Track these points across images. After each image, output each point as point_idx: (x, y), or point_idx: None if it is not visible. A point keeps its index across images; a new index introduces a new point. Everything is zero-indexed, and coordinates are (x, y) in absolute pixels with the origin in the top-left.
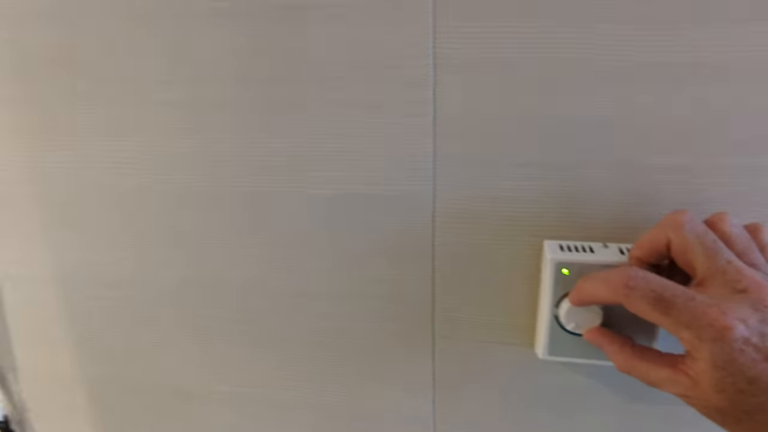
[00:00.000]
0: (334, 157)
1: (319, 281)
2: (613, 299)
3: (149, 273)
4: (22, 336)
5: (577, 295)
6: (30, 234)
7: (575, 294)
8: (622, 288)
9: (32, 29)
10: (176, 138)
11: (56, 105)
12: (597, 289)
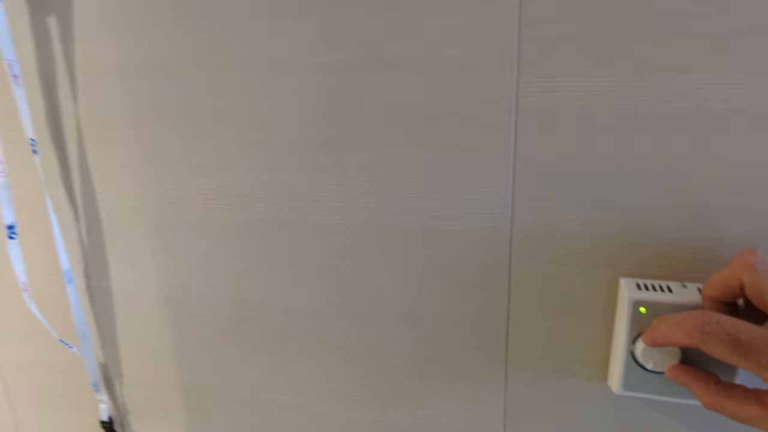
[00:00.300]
0: (417, 193)
1: (396, 307)
2: (689, 343)
3: (237, 295)
4: (128, 346)
5: (651, 337)
6: (141, 256)
7: (650, 336)
8: (697, 333)
9: (148, 82)
10: (271, 173)
11: (163, 145)
12: (672, 333)
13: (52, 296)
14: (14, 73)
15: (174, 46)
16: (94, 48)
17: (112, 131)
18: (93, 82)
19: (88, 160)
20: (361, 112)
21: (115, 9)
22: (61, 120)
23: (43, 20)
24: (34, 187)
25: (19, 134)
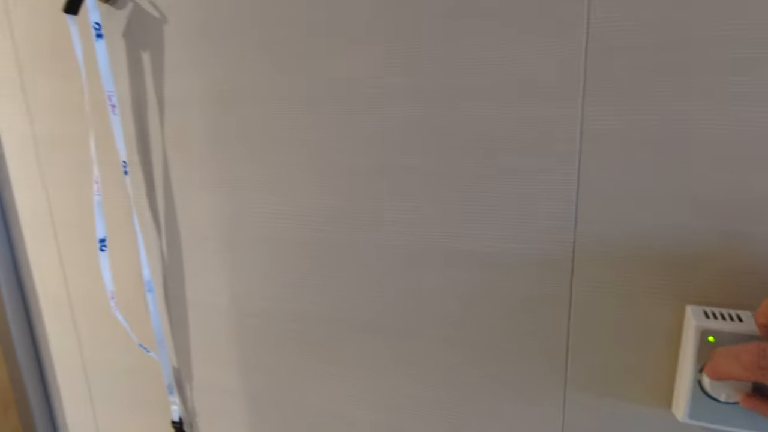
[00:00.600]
0: (478, 216)
1: (455, 328)
2: (750, 378)
3: (301, 308)
4: (199, 352)
5: (713, 373)
6: (213, 269)
7: (711, 370)
8: (755, 368)
9: (224, 110)
10: (334, 196)
11: (235, 168)
12: (731, 369)
13: (134, 304)
14: (112, 103)
15: (246, 79)
16: (179, 80)
17: (194, 155)
18: (177, 111)
19: (171, 181)
20: (422, 138)
21: (198, 46)
22: (149, 144)
23: (138, 56)
24: (124, 204)
25: (114, 157)
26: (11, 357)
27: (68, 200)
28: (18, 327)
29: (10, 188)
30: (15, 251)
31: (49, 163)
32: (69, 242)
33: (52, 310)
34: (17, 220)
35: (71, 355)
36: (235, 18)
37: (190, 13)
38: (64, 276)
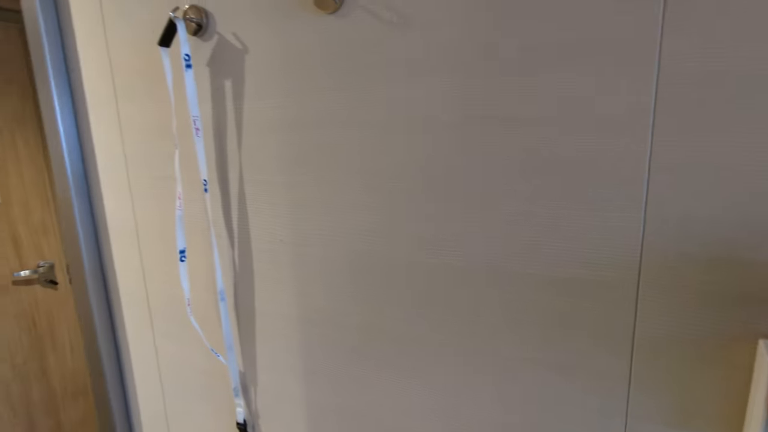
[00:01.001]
0: (544, 240)
1: (516, 348)
2: None
3: (366, 320)
4: (265, 359)
5: None
6: (282, 281)
7: None
8: None
9: (292, 135)
10: (396, 217)
11: (304, 188)
12: None
13: (206, 311)
14: (197, 127)
15: (316, 107)
16: (257, 106)
17: (265, 175)
18: (253, 134)
19: (246, 198)
20: (484, 165)
21: (275, 76)
22: (227, 164)
23: (221, 83)
24: (202, 219)
25: (195, 175)
26: (94, 353)
27: (151, 212)
28: (102, 326)
29: (101, 200)
30: (102, 256)
31: (136, 178)
32: (150, 250)
33: (132, 311)
34: (106, 228)
35: (147, 354)
36: (309, 53)
37: (269, 47)
38: (144, 280)
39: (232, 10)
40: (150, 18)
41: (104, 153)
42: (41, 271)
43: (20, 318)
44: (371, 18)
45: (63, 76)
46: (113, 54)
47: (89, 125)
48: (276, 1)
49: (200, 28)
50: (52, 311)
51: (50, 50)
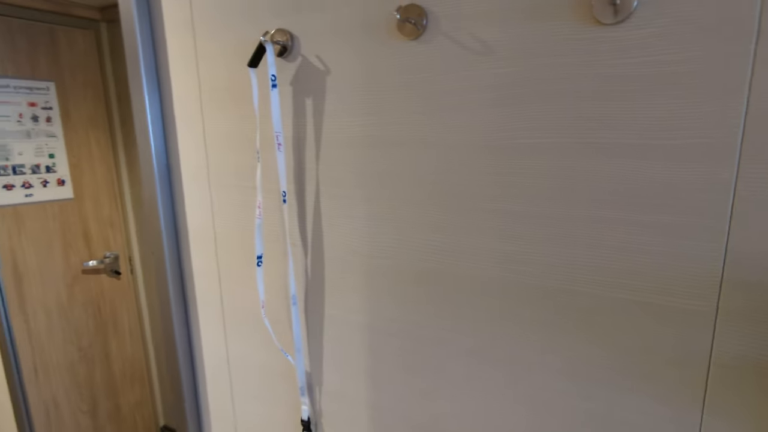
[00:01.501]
0: (633, 268)
1: (600, 371)
2: None
3: (429, 333)
4: (330, 361)
5: None
6: (352, 290)
7: None
8: None
9: (372, 152)
10: (501, 240)
11: (379, 203)
12: None
13: (278, 313)
14: (279, 142)
15: (392, 126)
16: (336, 124)
17: (342, 189)
18: (331, 150)
19: (321, 210)
20: (564, 189)
21: (355, 95)
22: (305, 178)
23: (303, 101)
24: (278, 227)
25: (275, 186)
26: (171, 345)
27: (229, 219)
28: (178, 323)
29: (183, 205)
30: (182, 258)
31: (217, 187)
32: (226, 254)
33: (207, 311)
34: (186, 232)
35: (218, 350)
36: (390, 75)
37: (351, 68)
38: (219, 282)
39: (317, 34)
40: (236, 39)
41: (188, 161)
42: (107, 261)
43: (87, 305)
44: (453, 45)
45: (154, 85)
46: (201, 69)
47: (176, 133)
48: (360, 26)
49: (285, 50)
50: (115, 299)
51: (144, 60)
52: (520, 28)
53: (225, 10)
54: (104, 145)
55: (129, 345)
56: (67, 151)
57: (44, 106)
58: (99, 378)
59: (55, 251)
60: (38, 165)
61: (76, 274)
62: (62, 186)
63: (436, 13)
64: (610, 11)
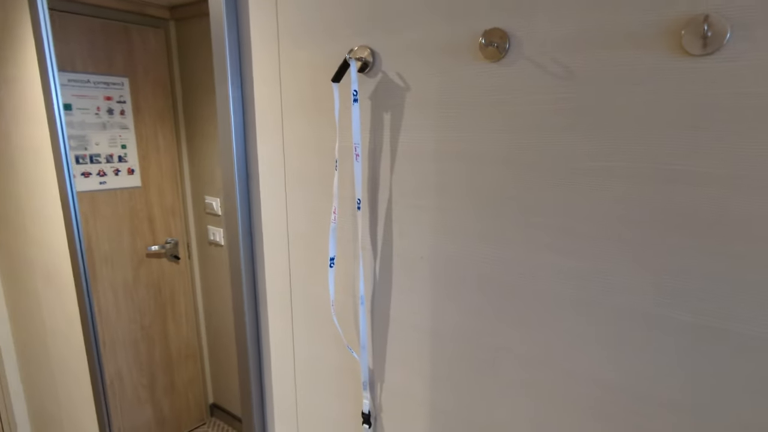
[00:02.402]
0: (697, 292)
1: (676, 394)
2: None
3: (495, 341)
4: (393, 359)
5: None
6: (418, 293)
7: None
8: None
9: (449, 164)
10: (563, 256)
11: (453, 214)
12: None
13: (345, 312)
14: (357, 152)
15: (468, 142)
16: (412, 137)
17: (415, 199)
18: (406, 161)
19: (392, 218)
20: (635, 213)
21: (432, 111)
22: (379, 186)
23: (380, 115)
24: (350, 231)
25: (350, 193)
26: (242, 338)
27: (303, 222)
28: (249, 317)
29: (259, 206)
30: (255, 256)
31: (292, 190)
32: (297, 254)
33: (276, 307)
34: (261, 232)
35: (285, 342)
36: (469, 95)
37: (430, 86)
38: (290, 280)
39: (398, 52)
40: (319, 53)
41: (267, 167)
42: (168, 247)
43: (150, 287)
44: (534, 68)
45: (238, 91)
46: (284, 78)
47: (255, 138)
48: (441, 47)
49: (366, 66)
50: (174, 283)
51: (231, 66)
52: (604, 55)
53: (309, 26)
54: (169, 138)
55: (184, 325)
56: (137, 143)
57: (119, 99)
58: (158, 355)
59: (123, 235)
60: (111, 155)
61: (141, 258)
62: (132, 175)
63: (519, 37)
64: (700, 43)
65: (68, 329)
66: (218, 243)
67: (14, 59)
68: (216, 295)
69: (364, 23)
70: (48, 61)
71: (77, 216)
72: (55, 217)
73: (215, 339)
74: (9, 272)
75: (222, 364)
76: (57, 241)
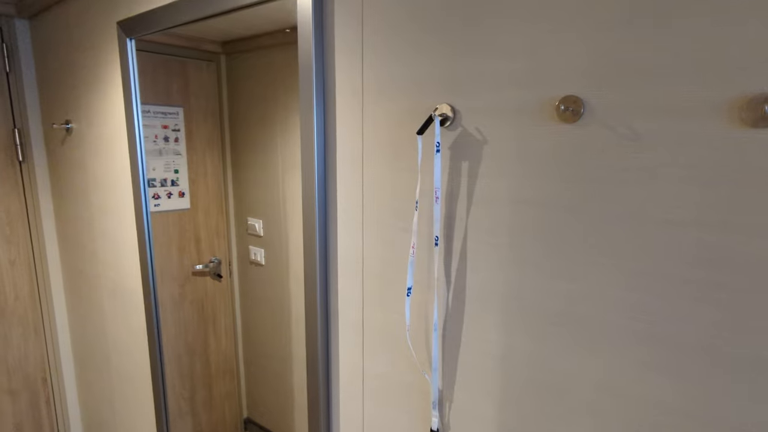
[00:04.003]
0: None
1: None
2: None
3: (563, 367)
4: (463, 382)
5: None
6: (489, 323)
7: None
8: None
9: (521, 209)
10: (628, 291)
11: (526, 253)
12: None
13: (418, 337)
14: (437, 196)
15: (540, 191)
16: (487, 184)
17: (489, 237)
18: (481, 204)
19: (467, 254)
20: (705, 257)
21: (508, 162)
22: (454, 225)
23: (458, 163)
24: (426, 265)
25: (428, 230)
26: (313, 356)
27: (377, 253)
28: (321, 340)
29: (335, 238)
30: (329, 282)
31: (369, 224)
32: (371, 282)
33: (347, 328)
34: (336, 261)
35: (355, 362)
36: (544, 150)
37: (507, 141)
38: (363, 306)
39: (478, 111)
40: (400, 104)
41: (344, 204)
42: (211, 266)
43: (194, 303)
44: (607, 131)
45: (322, 130)
46: (366, 125)
47: (336, 175)
48: (519, 108)
49: (447, 120)
50: (216, 300)
51: (317, 106)
52: (675, 123)
53: (391, 82)
54: (216, 163)
55: (224, 341)
56: (188, 168)
57: (174, 128)
58: (199, 369)
59: (172, 254)
60: (165, 179)
61: (187, 275)
62: (182, 198)
63: (593, 104)
64: (755, 117)
65: (132, 342)
66: (258, 262)
67: (98, 96)
68: (254, 312)
69: (447, 84)
70: (133, 95)
71: (150, 236)
72: (126, 237)
73: (251, 355)
74: (73, 288)
75: (257, 379)
76: (126, 260)
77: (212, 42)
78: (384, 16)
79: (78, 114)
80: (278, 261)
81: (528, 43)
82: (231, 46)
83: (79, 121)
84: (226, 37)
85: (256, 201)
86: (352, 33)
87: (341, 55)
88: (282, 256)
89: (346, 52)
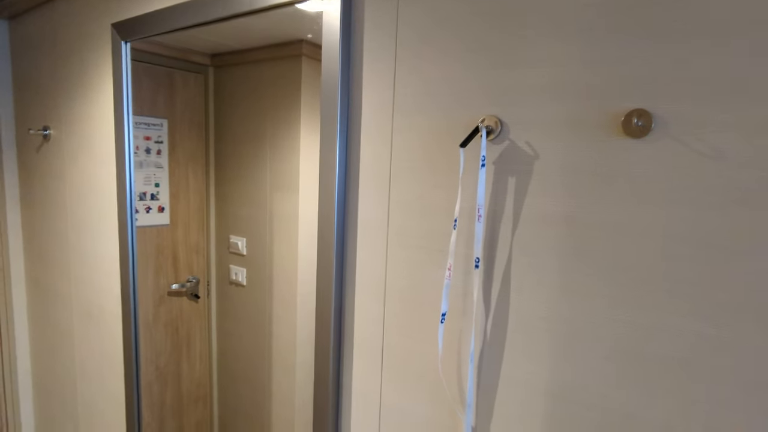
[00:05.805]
0: None
1: None
2: None
3: (620, 406)
4: (502, 419)
5: None
6: (535, 353)
7: None
8: None
9: (564, 228)
10: (696, 320)
11: (573, 275)
12: None
13: (449, 368)
14: (479, 214)
15: (592, 211)
16: (538, 201)
17: (534, 258)
18: (527, 225)
19: (510, 278)
20: None
21: (558, 180)
22: (497, 245)
23: (504, 179)
24: (462, 289)
25: (468, 251)
26: (323, 384)
27: (404, 276)
28: (333, 362)
29: (354, 258)
30: (344, 304)
31: (395, 246)
32: (394, 307)
33: (364, 356)
34: (353, 283)
35: (371, 394)
36: (599, 166)
37: (558, 156)
38: (383, 331)
39: (527, 123)
40: (435, 117)
41: (367, 222)
42: (188, 285)
43: (168, 326)
44: (680, 147)
45: (344, 144)
46: (395, 140)
47: (358, 193)
48: (577, 121)
49: (491, 133)
50: (192, 322)
51: (341, 117)
52: (755, 139)
53: (427, 95)
54: (200, 177)
55: (197, 366)
56: (169, 181)
57: (156, 140)
58: (169, 397)
59: (148, 272)
60: (145, 192)
61: (163, 295)
62: (161, 213)
63: (664, 118)
64: None
65: (104, 367)
66: (240, 283)
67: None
68: (232, 335)
69: (492, 96)
70: (124, 102)
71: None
72: (105, 253)
73: (227, 380)
74: (38, 308)
75: (230, 407)
76: (104, 277)
77: (201, 54)
78: (418, 30)
79: (58, 120)
80: (261, 282)
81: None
82: (220, 58)
83: (59, 128)
84: (216, 49)
85: (241, 218)
86: (383, 47)
87: (370, 71)
88: (265, 277)
89: (376, 67)
